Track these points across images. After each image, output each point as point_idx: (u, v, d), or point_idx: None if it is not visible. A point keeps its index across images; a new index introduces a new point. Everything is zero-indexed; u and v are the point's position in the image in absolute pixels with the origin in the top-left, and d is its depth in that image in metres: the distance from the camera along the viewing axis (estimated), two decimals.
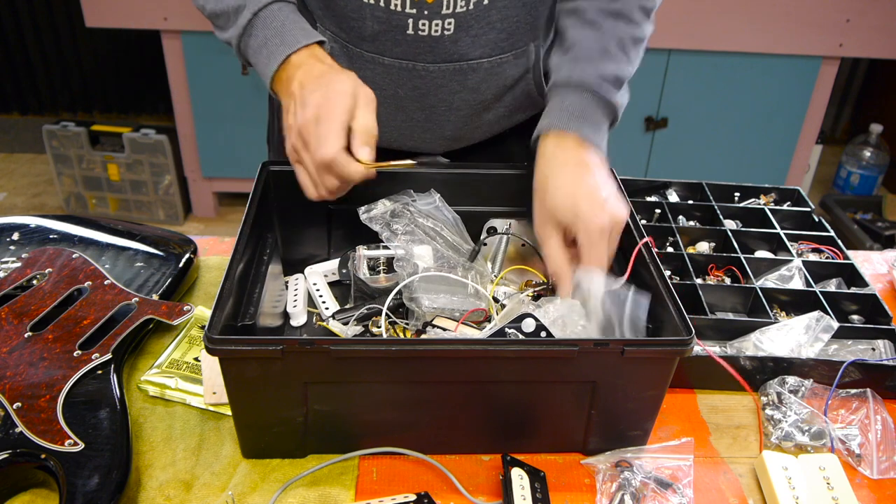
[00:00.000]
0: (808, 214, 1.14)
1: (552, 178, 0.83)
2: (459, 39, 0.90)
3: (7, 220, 1.00)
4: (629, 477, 0.74)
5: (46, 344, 0.79)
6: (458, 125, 0.99)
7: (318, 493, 0.72)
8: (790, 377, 0.86)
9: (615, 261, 0.84)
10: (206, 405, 0.81)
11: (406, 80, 0.94)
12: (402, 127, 0.99)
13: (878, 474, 0.78)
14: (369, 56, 0.93)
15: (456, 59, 0.92)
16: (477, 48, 0.92)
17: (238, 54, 0.89)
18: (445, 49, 0.91)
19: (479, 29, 0.90)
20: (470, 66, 0.93)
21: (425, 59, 0.92)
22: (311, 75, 0.80)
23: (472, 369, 0.71)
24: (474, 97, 0.96)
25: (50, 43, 3.25)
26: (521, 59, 0.95)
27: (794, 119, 2.70)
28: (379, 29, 0.90)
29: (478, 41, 0.91)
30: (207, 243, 1.09)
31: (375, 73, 0.94)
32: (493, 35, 0.91)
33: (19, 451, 0.68)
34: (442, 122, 0.98)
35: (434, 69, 0.93)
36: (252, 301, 0.78)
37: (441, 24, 0.88)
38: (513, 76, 0.96)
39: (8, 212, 2.97)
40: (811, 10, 2.45)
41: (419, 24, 0.88)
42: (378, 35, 0.91)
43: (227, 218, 3.00)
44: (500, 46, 0.93)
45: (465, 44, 0.91)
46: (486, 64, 0.93)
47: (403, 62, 0.92)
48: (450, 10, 0.88)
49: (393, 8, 0.87)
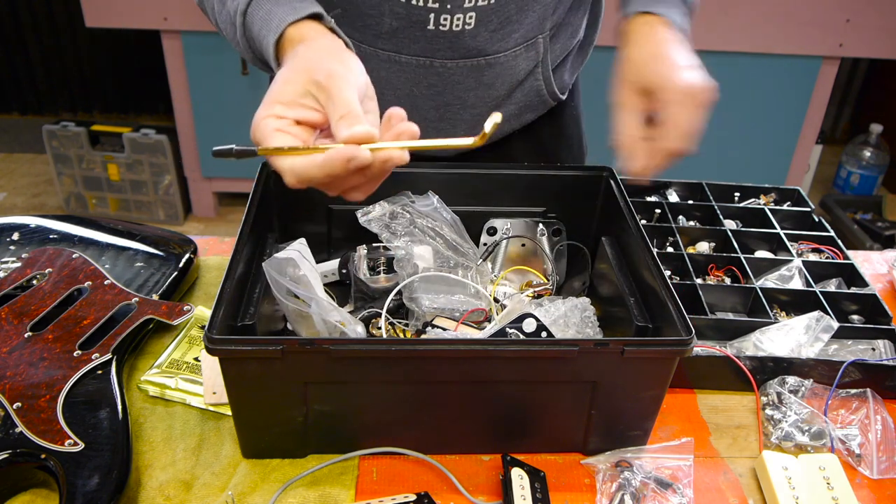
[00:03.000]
0: (808, 214, 1.14)
1: (636, 48, 0.82)
2: (479, 34, 0.90)
3: (7, 220, 1.00)
4: (629, 477, 0.74)
5: (46, 344, 0.79)
6: (470, 124, 0.99)
7: (318, 493, 0.72)
8: (790, 377, 0.86)
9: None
10: (206, 405, 0.81)
11: (422, 77, 0.94)
12: None
13: (878, 474, 0.78)
14: (385, 55, 0.92)
15: (474, 55, 0.92)
16: (494, 42, 0.92)
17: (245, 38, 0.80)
18: (464, 44, 0.91)
19: (497, 23, 0.90)
20: (487, 62, 0.93)
21: (444, 56, 0.92)
22: (299, 56, 0.70)
23: (472, 369, 0.71)
24: (489, 94, 0.96)
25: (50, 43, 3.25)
26: (532, 52, 0.95)
27: (794, 119, 2.70)
28: (398, 25, 0.89)
29: (496, 35, 0.91)
30: (207, 243, 1.09)
31: (391, 73, 0.94)
32: (509, 28, 0.91)
33: (19, 451, 0.68)
34: (455, 120, 0.98)
35: (452, 65, 0.92)
36: (252, 301, 0.78)
37: (462, 19, 0.88)
38: (524, 70, 0.96)
39: (8, 212, 2.97)
40: (811, 10, 2.45)
41: (441, 19, 0.88)
42: (396, 32, 0.90)
43: (227, 218, 3.00)
44: (513, 39, 0.93)
45: (484, 38, 0.91)
46: (503, 58, 0.93)
47: (421, 59, 0.92)
48: (472, 3, 0.87)
49: (414, 3, 0.86)
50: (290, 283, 0.77)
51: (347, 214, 0.94)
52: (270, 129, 0.64)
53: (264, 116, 0.65)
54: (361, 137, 0.62)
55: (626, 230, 0.87)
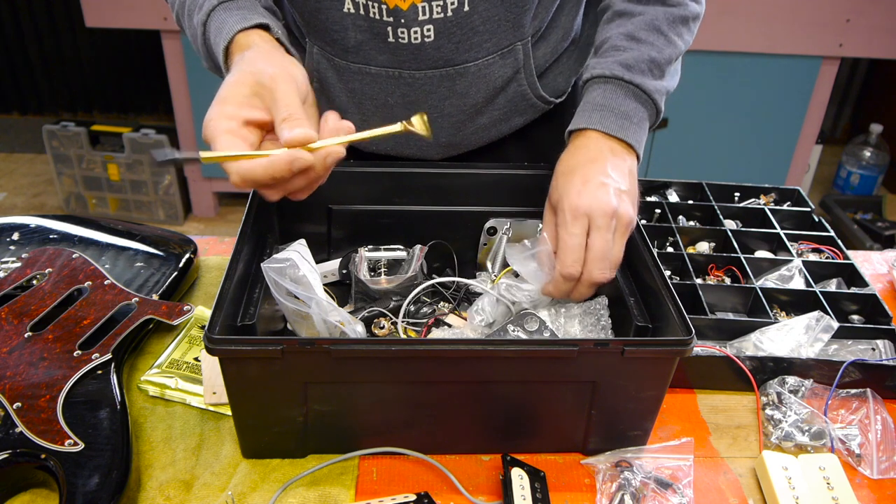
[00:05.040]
0: (808, 214, 1.14)
1: (560, 162, 0.82)
2: (442, 46, 0.89)
3: (7, 220, 1.00)
4: (629, 477, 0.74)
5: (46, 344, 0.79)
6: (451, 131, 0.98)
7: (318, 493, 0.72)
8: (790, 377, 0.86)
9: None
10: (206, 405, 0.81)
11: (394, 88, 0.93)
12: (398, 136, 0.98)
13: (878, 474, 0.78)
14: (355, 67, 0.92)
15: (441, 66, 0.91)
16: (461, 53, 0.90)
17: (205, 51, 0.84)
18: (429, 55, 0.90)
19: (461, 35, 0.89)
20: (456, 71, 0.92)
21: (410, 67, 0.91)
22: (239, 64, 0.75)
23: (472, 369, 0.71)
24: (464, 102, 0.95)
25: (50, 43, 3.25)
26: (509, 59, 0.93)
27: (794, 119, 2.70)
28: (362, 38, 0.89)
29: (461, 46, 0.90)
30: (207, 243, 1.09)
31: (364, 84, 0.94)
32: (476, 39, 0.90)
33: (19, 451, 0.68)
34: (435, 128, 0.97)
35: (420, 76, 0.92)
36: (252, 301, 0.78)
37: (420, 31, 0.87)
38: (502, 77, 0.95)
39: (8, 212, 2.97)
40: (811, 10, 2.45)
41: (398, 32, 0.87)
42: (361, 45, 0.90)
43: (227, 218, 3.00)
44: (485, 48, 0.91)
45: (449, 49, 0.90)
46: (473, 67, 0.92)
47: (389, 70, 0.92)
48: (426, 16, 0.86)
49: (372, 16, 0.86)
50: (290, 283, 0.77)
51: (347, 214, 0.94)
52: (221, 129, 0.68)
53: (215, 117, 0.68)
54: (302, 139, 0.67)
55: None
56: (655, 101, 0.86)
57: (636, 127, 0.83)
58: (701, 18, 0.92)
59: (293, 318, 0.80)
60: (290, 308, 0.77)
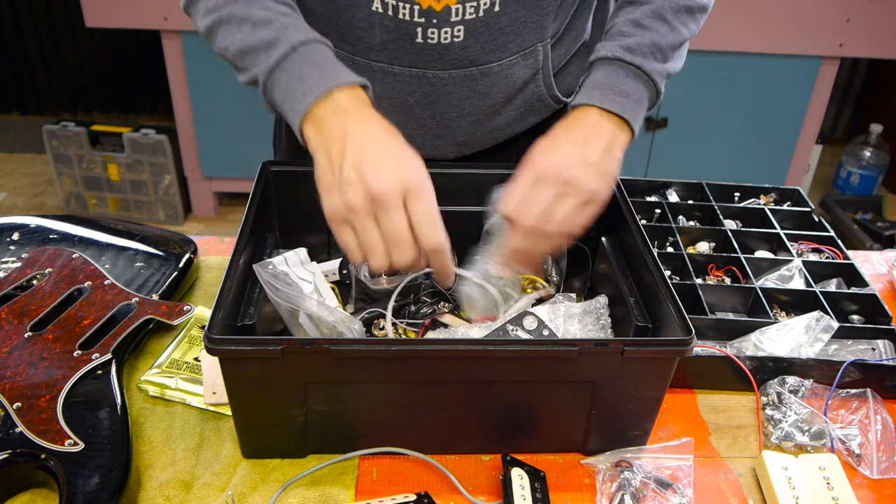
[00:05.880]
0: (808, 214, 1.14)
1: (549, 134, 0.82)
2: (469, 46, 0.90)
3: (7, 220, 1.00)
4: (629, 477, 0.74)
5: (46, 344, 0.79)
6: (469, 130, 0.99)
7: (318, 493, 0.72)
8: (790, 377, 0.86)
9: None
10: (206, 405, 0.81)
11: (416, 87, 0.94)
12: (414, 134, 0.98)
13: (878, 474, 0.78)
14: (378, 66, 0.93)
15: (466, 65, 0.92)
16: (487, 53, 0.91)
17: (264, 95, 0.80)
18: (455, 56, 0.90)
19: (489, 35, 0.90)
20: (480, 72, 0.93)
21: (435, 67, 0.91)
22: (368, 133, 0.73)
23: (472, 369, 0.71)
24: (485, 101, 0.96)
25: (50, 43, 3.25)
26: (530, 60, 0.95)
27: (794, 119, 2.70)
28: (388, 38, 0.89)
29: (488, 46, 0.91)
30: (207, 243, 1.09)
31: (385, 83, 0.94)
32: (502, 39, 0.91)
33: (19, 451, 0.68)
34: (453, 128, 0.98)
35: (444, 76, 0.92)
36: (252, 301, 0.78)
37: (451, 32, 0.88)
38: (522, 77, 0.96)
39: (8, 212, 2.97)
40: (811, 10, 2.45)
41: (428, 33, 0.88)
42: (387, 44, 0.90)
43: (227, 218, 3.00)
44: (509, 49, 0.92)
45: (475, 49, 0.90)
46: (496, 68, 0.93)
47: (413, 70, 0.92)
48: (459, 17, 0.87)
49: (402, 17, 0.87)
50: (283, 285, 0.77)
51: None
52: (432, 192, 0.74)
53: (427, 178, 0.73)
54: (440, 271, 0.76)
55: (626, 230, 0.87)
56: (656, 83, 0.87)
57: (634, 104, 0.85)
58: (708, 11, 0.93)
59: (289, 319, 0.80)
60: (285, 307, 0.77)
